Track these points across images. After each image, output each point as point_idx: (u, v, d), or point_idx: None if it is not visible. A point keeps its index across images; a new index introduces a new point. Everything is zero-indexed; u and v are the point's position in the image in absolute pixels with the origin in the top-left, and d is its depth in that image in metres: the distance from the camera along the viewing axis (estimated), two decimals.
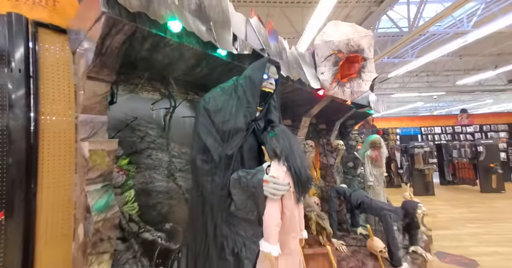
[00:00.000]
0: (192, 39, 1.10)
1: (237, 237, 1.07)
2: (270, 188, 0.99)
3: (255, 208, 1.06)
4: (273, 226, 1.02)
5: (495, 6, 4.63)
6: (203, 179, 1.02)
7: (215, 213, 1.02)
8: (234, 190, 1.05)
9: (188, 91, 1.69)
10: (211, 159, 1.01)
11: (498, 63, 8.06)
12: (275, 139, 1.10)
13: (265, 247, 1.02)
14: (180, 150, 1.61)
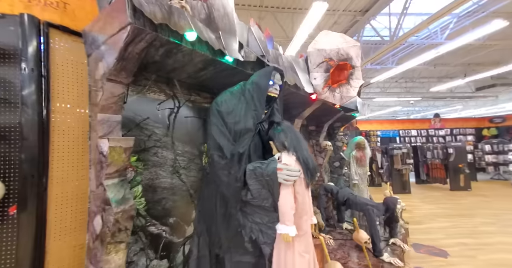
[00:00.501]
0: (203, 47, 1.21)
1: (253, 225, 1.19)
2: (284, 174, 1.13)
3: (269, 195, 1.17)
4: (289, 209, 1.14)
5: (466, 20, 5.13)
6: (221, 173, 1.13)
7: (231, 203, 1.14)
8: (250, 180, 1.16)
9: (190, 92, 1.78)
10: (225, 155, 1.13)
11: (467, 72, 8.84)
12: (283, 133, 1.26)
13: (282, 229, 1.14)
14: (184, 149, 1.70)
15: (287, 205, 1.15)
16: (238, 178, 1.15)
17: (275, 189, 1.16)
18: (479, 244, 3.25)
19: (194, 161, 1.77)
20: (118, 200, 1.05)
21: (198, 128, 1.82)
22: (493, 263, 2.62)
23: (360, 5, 4.86)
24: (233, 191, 1.16)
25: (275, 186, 1.15)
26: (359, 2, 4.74)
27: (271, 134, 1.31)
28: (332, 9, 4.78)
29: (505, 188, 7.12)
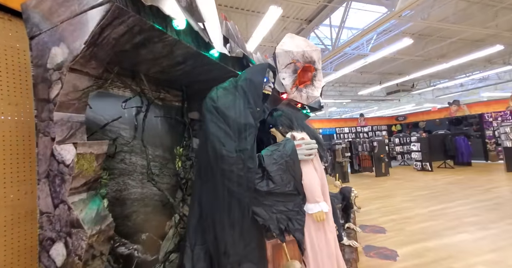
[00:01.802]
0: (188, 38, 1.10)
1: (279, 214, 1.10)
2: (304, 149, 1.09)
3: (291, 178, 1.10)
4: (315, 184, 1.10)
5: (383, 37, 6.31)
6: (234, 167, 0.99)
7: (247, 201, 1.03)
8: (270, 167, 1.06)
9: (159, 89, 1.59)
10: (236, 150, 1.03)
11: (382, 80, 10.85)
12: (284, 116, 1.25)
13: (314, 208, 1.09)
14: (154, 153, 1.49)
15: (313, 181, 1.10)
16: (255, 168, 1.04)
17: (297, 169, 1.10)
18: (404, 218, 4.02)
19: (167, 166, 1.58)
20: (91, 220, 0.83)
21: (169, 129, 1.64)
22: (417, 232, 3.29)
23: (306, 14, 5.35)
24: (250, 184, 1.03)
25: (296, 166, 1.10)
26: (305, 11, 5.20)
27: (271, 121, 1.27)
28: (282, 15, 5.08)
29: (410, 171, 9.04)
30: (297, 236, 1.10)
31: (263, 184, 1.05)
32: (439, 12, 5.18)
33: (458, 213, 4.01)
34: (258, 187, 1.04)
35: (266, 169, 1.06)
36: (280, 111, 1.30)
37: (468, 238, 3.03)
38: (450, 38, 6.76)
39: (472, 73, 9.69)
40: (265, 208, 1.08)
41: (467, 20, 5.37)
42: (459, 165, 8.57)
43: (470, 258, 2.44)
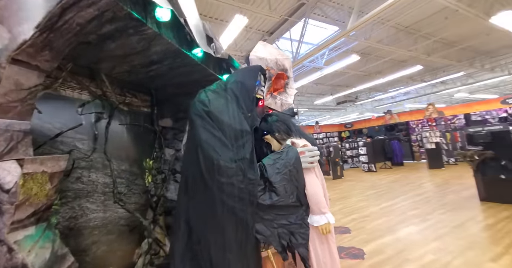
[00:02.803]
0: (170, 33, 0.96)
1: (281, 229, 0.98)
2: (307, 157, 1.01)
3: (294, 188, 1.00)
4: (320, 194, 1.00)
5: (334, 52, 7.05)
6: (234, 180, 0.84)
7: (250, 218, 0.88)
8: (273, 177, 0.95)
9: (124, 92, 1.35)
10: (233, 160, 0.89)
11: (333, 91, 12.04)
12: (280, 121, 1.15)
13: (321, 220, 0.98)
14: (120, 167, 1.24)
15: (318, 192, 1.01)
16: (257, 180, 0.92)
17: (300, 178, 1.01)
18: (363, 217, 4.38)
19: (135, 182, 1.34)
20: (44, 264, 0.60)
21: (137, 138, 1.40)
22: (375, 229, 3.60)
23: (268, 26, 5.58)
24: (252, 198, 0.90)
25: (299, 175, 1.00)
26: (267, 23, 5.42)
27: (266, 127, 1.16)
28: (246, 26, 5.19)
29: (359, 173, 10.07)
30: (301, 252, 0.99)
31: (266, 197, 0.94)
32: (377, 35, 6.08)
33: (402, 208, 4.58)
34: (260, 200, 0.93)
35: (269, 180, 0.95)
36: (275, 116, 1.22)
37: (414, 230, 3.45)
38: (384, 58, 7.99)
39: (399, 87, 11.61)
40: (265, 223, 0.97)
41: (396, 44, 6.44)
42: (395, 165, 9.98)
43: (420, 249, 2.77)
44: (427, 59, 7.25)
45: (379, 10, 3.56)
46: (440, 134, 8.29)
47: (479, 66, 8.55)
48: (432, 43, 7.00)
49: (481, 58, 8.60)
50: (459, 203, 4.56)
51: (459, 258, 2.43)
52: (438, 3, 4.80)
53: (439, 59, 7.45)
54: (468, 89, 11.80)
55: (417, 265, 2.35)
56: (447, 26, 6.10)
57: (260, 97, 1.17)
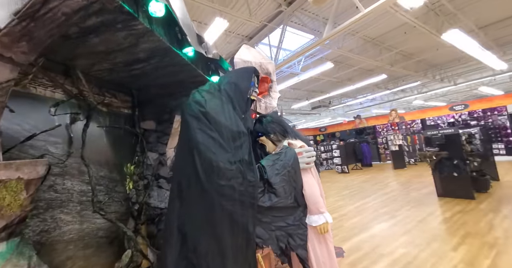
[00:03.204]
0: (161, 30, 0.92)
1: (279, 231, 0.96)
2: (305, 157, 1.01)
3: (292, 189, 1.00)
4: (318, 194, 1.01)
5: (309, 59, 7.38)
6: (233, 182, 0.80)
7: (250, 222, 0.84)
8: (273, 179, 0.93)
9: (103, 92, 1.25)
10: (232, 162, 0.85)
11: (308, 96, 12.55)
12: (277, 122, 1.14)
13: (319, 219, 0.98)
14: (98, 174, 1.13)
15: (316, 192, 1.01)
16: (257, 181, 0.89)
17: (298, 179, 1.01)
18: (341, 216, 4.58)
19: (115, 190, 1.23)
20: None
21: (117, 142, 1.29)
22: (352, 227, 3.79)
23: (247, 31, 5.64)
24: (253, 201, 0.87)
25: (297, 175, 1.00)
26: (246, 28, 5.49)
27: (260, 128, 1.14)
28: (225, 29, 5.20)
29: (334, 174, 10.57)
30: (300, 253, 0.98)
31: (265, 199, 0.92)
32: (348, 45, 6.53)
33: (374, 206, 4.90)
34: (260, 203, 0.91)
35: (269, 181, 0.94)
36: (270, 117, 1.21)
37: (385, 226, 3.71)
38: (354, 66, 8.60)
39: (367, 94, 12.56)
40: (263, 226, 0.95)
41: (364, 54, 6.99)
42: (365, 166, 10.68)
43: (392, 243, 2.98)
44: (390, 69, 7.98)
45: (350, 22, 3.83)
46: (402, 137, 9.10)
47: (431, 76, 9.65)
48: (394, 55, 7.73)
49: (433, 70, 9.74)
50: (421, 199, 5.03)
51: (426, 250, 2.67)
52: (399, 19, 5.35)
53: (400, 69, 8.25)
54: (423, 97, 13.22)
55: (391, 259, 2.52)
56: (407, 40, 6.81)
57: (254, 99, 1.16)
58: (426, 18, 5.26)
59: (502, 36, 7.02)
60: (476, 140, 5.54)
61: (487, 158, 5.37)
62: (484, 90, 11.86)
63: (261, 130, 1.16)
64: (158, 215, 1.42)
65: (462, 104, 12.59)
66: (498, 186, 5.33)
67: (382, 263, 2.49)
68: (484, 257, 2.30)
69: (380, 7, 3.46)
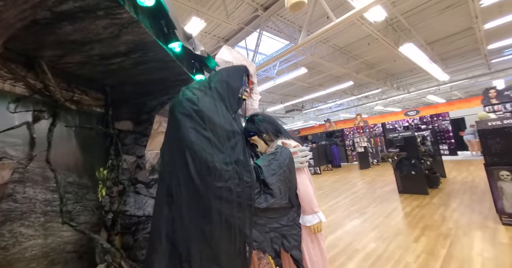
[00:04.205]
0: (147, 21, 0.85)
1: (273, 233, 0.93)
2: (299, 157, 1.00)
3: (287, 189, 0.98)
4: (312, 194, 0.99)
5: (284, 64, 7.61)
6: (230, 183, 0.74)
7: (247, 221, 0.78)
8: (270, 179, 0.90)
9: (73, 87, 1.11)
10: (227, 162, 0.79)
11: (283, 100, 12.89)
12: (269, 121, 1.12)
13: (313, 219, 0.97)
14: (66, 179, 0.99)
15: (310, 191, 1.00)
16: (253, 182, 0.86)
17: (293, 178, 0.99)
18: None
19: (86, 197, 1.08)
20: None
21: (89, 144, 1.15)
22: (327, 225, 3.96)
23: (224, 33, 5.61)
24: (250, 202, 0.82)
25: (292, 175, 0.99)
26: (222, 30, 5.45)
27: (252, 128, 1.11)
28: (204, 31, 5.09)
29: None
30: (294, 254, 0.96)
31: (262, 200, 0.89)
32: (319, 52, 6.92)
33: (345, 205, 5.20)
34: (256, 204, 0.87)
35: (265, 182, 0.91)
36: (261, 116, 1.18)
37: (357, 223, 3.95)
38: (324, 73, 9.11)
39: (335, 99, 13.39)
40: (258, 228, 0.92)
41: (333, 61, 7.46)
42: (335, 167, 11.30)
43: (363, 238, 3.19)
44: (356, 76, 8.65)
45: (323, 30, 4.07)
46: (367, 139, 9.87)
47: (390, 85, 10.71)
48: (359, 63, 8.41)
49: (391, 79, 10.83)
50: (385, 196, 5.49)
51: (392, 242, 2.91)
52: (364, 31, 5.85)
53: (364, 77, 8.99)
54: (383, 103, 14.59)
55: (364, 253, 2.69)
56: (370, 51, 7.47)
57: (245, 98, 1.13)
58: (386, 32, 5.85)
59: (445, 52, 8.14)
60: (428, 142, 6.25)
61: (436, 157, 6.09)
62: (431, 98, 13.59)
63: (253, 130, 1.13)
64: (135, 224, 1.30)
65: (414, 110, 14.23)
66: (446, 182, 6.07)
67: (357, 258, 2.63)
68: (441, 246, 2.59)
69: (349, 18, 3.74)
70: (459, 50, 7.99)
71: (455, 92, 13.70)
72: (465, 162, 8.70)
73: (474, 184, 5.61)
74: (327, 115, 16.61)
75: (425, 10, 5.41)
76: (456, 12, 5.61)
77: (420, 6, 5.30)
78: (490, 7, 5.23)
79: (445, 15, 5.73)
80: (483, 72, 10.27)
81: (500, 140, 3.13)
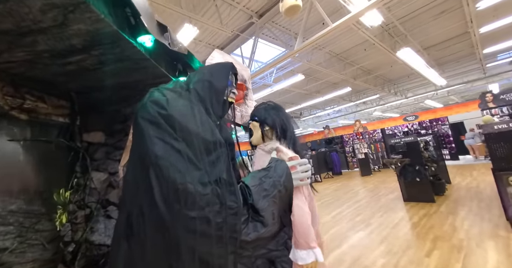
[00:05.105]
0: (102, 6, 0.67)
1: (259, 260, 0.73)
2: (299, 172, 0.79)
3: (281, 212, 0.77)
4: (309, 223, 0.77)
5: (281, 71, 7.54)
6: (208, 212, 0.53)
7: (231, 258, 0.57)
8: (261, 203, 0.70)
9: (24, 93, 0.91)
10: (205, 183, 0.58)
11: None
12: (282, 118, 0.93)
13: (307, 257, 0.75)
14: (7, 207, 0.78)
15: (307, 220, 0.79)
16: (240, 208, 0.65)
17: (289, 198, 0.78)
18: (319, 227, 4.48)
19: (35, 228, 0.87)
20: None
21: (45, 161, 0.95)
22: (331, 238, 3.69)
23: (218, 41, 5.53)
24: (236, 235, 0.63)
25: (288, 194, 0.78)
26: (217, 38, 5.37)
27: (260, 114, 0.94)
28: (195, 38, 5.01)
29: None
30: None
31: (250, 230, 0.68)
32: (316, 58, 6.86)
33: (349, 215, 4.93)
34: (243, 236, 0.67)
35: (254, 207, 0.70)
36: (278, 109, 0.98)
37: (363, 235, 3.69)
38: (321, 79, 9.06)
39: (333, 106, 13.33)
40: (244, 261, 0.74)
41: (330, 67, 7.41)
42: (336, 175, 11.03)
43: (371, 253, 2.93)
44: (353, 82, 8.59)
45: (319, 35, 3.98)
46: (367, 145, 9.69)
47: (387, 90, 10.68)
48: (356, 70, 8.37)
49: (388, 85, 10.80)
50: (390, 205, 5.23)
51: (403, 257, 2.66)
52: (360, 37, 5.82)
53: (362, 83, 8.93)
54: (381, 109, 14.55)
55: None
56: (366, 57, 7.44)
57: (232, 101, 0.93)
58: (382, 37, 5.81)
59: (441, 57, 8.14)
60: (430, 147, 6.08)
61: (439, 163, 5.90)
62: (429, 103, 13.59)
63: (260, 117, 0.97)
64: (105, 255, 1.08)
65: (413, 115, 14.18)
66: (451, 188, 5.84)
67: None
68: (455, 260, 2.35)
69: (345, 23, 3.65)
70: (455, 55, 8.00)
71: (452, 97, 13.74)
72: (468, 166, 8.51)
73: (479, 190, 5.39)
74: (325, 122, 16.51)
75: (421, 15, 5.40)
76: (451, 17, 5.60)
77: (416, 11, 5.28)
78: (485, 11, 5.23)
79: (440, 20, 5.73)
80: (478, 77, 10.31)
81: (507, 144, 2.97)
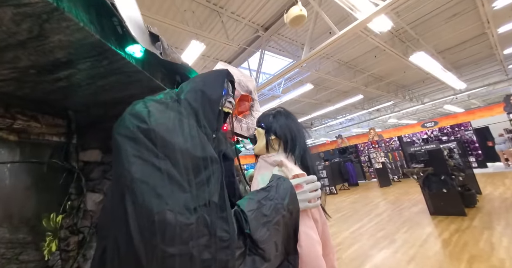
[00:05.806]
0: (83, 15, 0.62)
1: None
2: (307, 192, 0.65)
3: (284, 240, 0.63)
4: (318, 254, 0.63)
5: (289, 82, 7.52)
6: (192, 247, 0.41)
7: None
8: (260, 233, 0.56)
9: (14, 113, 0.88)
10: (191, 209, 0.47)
11: None
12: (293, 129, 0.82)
13: None
14: (7, 234, 0.71)
15: (317, 251, 0.64)
16: (234, 239, 0.53)
17: (295, 224, 0.64)
18: (337, 245, 4.13)
19: (19, 259, 0.79)
20: None
21: (34, 184, 0.89)
22: (352, 257, 3.38)
23: (226, 56, 5.64)
24: None
25: (294, 218, 0.64)
26: (224, 53, 5.48)
27: (268, 121, 0.85)
28: (203, 54, 5.13)
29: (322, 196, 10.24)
30: None
31: (248, 264, 0.55)
32: (324, 67, 6.79)
33: (370, 230, 4.55)
34: None
35: (252, 238, 0.57)
36: (291, 118, 0.88)
37: (387, 253, 3.35)
38: (331, 88, 8.92)
39: (345, 114, 13.02)
40: None
41: (340, 76, 7.29)
42: (352, 186, 10.49)
43: None
44: (365, 90, 8.36)
45: (327, 43, 3.92)
46: (384, 154, 9.21)
47: (401, 96, 10.30)
48: (367, 77, 8.18)
49: (402, 91, 10.44)
50: (415, 219, 4.78)
51: None
52: (369, 44, 5.71)
53: (374, 90, 8.68)
54: (396, 116, 14.01)
55: None
56: (377, 63, 7.27)
57: (229, 111, 0.82)
58: (392, 43, 5.67)
59: (458, 60, 7.80)
60: (455, 154, 5.63)
61: (466, 172, 5.42)
62: (448, 108, 12.92)
63: (267, 124, 0.86)
64: None
65: (432, 121, 13.49)
66: (483, 199, 5.30)
67: None
68: None
69: (353, 30, 3.58)
70: (473, 57, 7.64)
71: (473, 101, 13.02)
72: (498, 174, 7.79)
73: None
74: (338, 131, 16.10)
75: (432, 19, 5.24)
76: (464, 19, 5.39)
77: (426, 16, 5.13)
78: (502, 10, 4.99)
79: (453, 23, 5.53)
80: (500, 79, 9.74)
81: None
